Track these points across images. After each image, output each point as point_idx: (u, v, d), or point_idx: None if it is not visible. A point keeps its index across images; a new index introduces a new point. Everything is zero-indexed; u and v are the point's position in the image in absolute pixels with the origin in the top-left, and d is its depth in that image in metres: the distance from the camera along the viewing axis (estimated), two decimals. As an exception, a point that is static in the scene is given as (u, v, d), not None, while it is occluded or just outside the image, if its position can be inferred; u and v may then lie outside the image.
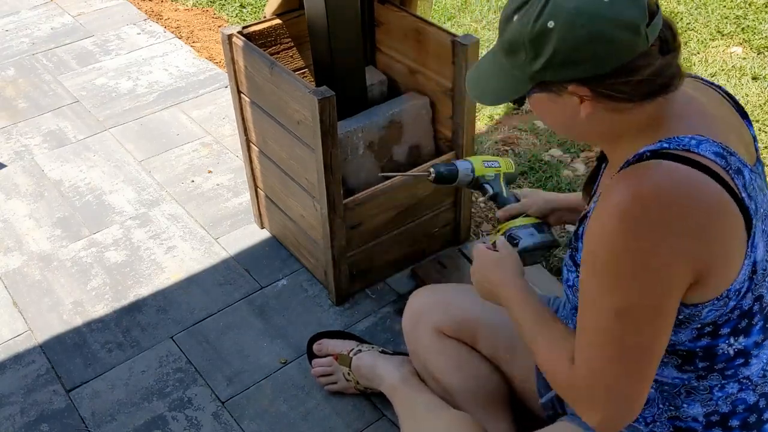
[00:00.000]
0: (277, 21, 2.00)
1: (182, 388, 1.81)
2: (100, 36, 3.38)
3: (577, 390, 1.05)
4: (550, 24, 0.97)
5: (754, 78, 2.95)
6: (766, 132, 2.63)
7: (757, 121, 2.68)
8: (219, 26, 3.46)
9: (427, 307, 1.55)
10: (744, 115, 1.16)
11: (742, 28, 3.31)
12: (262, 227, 2.27)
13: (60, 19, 3.54)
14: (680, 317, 1.03)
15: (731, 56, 3.11)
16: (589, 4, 0.95)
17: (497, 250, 1.30)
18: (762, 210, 1.03)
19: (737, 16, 3.42)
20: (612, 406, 1.03)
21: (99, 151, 2.65)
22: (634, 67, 0.98)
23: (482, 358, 1.52)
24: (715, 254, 0.97)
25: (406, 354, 1.68)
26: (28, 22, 3.53)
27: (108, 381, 1.84)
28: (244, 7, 3.56)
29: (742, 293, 1.02)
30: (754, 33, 3.27)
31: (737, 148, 1.03)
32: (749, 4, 3.51)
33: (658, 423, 1.17)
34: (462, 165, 1.55)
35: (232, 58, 1.91)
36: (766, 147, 2.55)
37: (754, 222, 0.99)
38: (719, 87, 1.17)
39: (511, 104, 2.84)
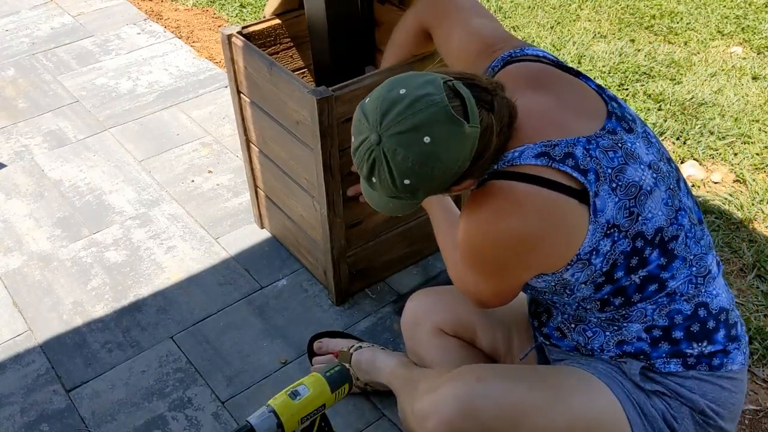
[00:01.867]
0: (277, 21, 2.00)
1: (182, 388, 1.81)
2: (100, 36, 3.38)
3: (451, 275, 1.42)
4: (407, 182, 1.13)
5: (754, 78, 2.95)
6: (766, 132, 2.63)
7: (757, 121, 2.68)
8: (219, 26, 3.46)
9: (427, 307, 1.56)
10: (578, 74, 1.28)
11: (742, 28, 3.31)
12: (262, 227, 2.27)
13: (60, 19, 3.54)
14: (553, 283, 1.23)
15: (731, 56, 3.11)
16: (421, 154, 1.09)
17: None
18: (610, 171, 1.16)
19: (737, 16, 3.42)
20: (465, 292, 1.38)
21: (99, 151, 2.65)
22: (482, 148, 1.13)
23: (481, 355, 1.52)
24: (548, 243, 1.16)
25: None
26: (28, 22, 3.53)
27: (108, 381, 1.84)
28: (244, 7, 3.57)
29: (605, 248, 1.16)
30: (754, 33, 3.27)
31: (574, 127, 1.18)
32: (749, 4, 3.52)
33: (606, 351, 1.27)
34: (262, 426, 1.24)
35: (232, 58, 1.91)
36: (766, 147, 2.55)
37: (592, 190, 1.14)
38: (545, 56, 1.30)
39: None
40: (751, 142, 2.58)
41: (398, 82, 1.12)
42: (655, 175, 1.20)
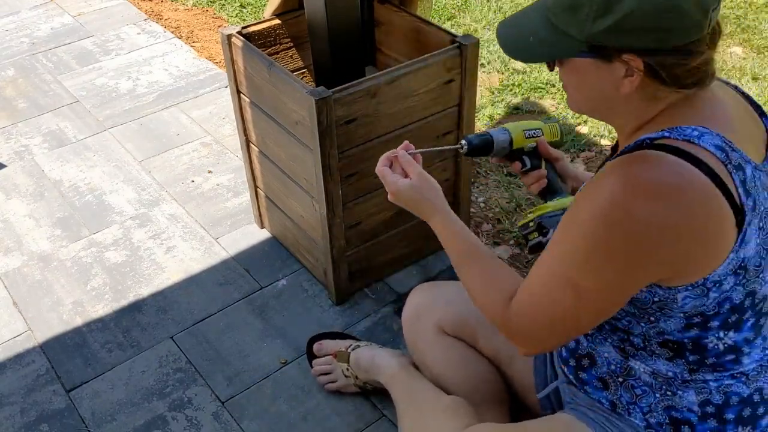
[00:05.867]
0: (277, 21, 2.00)
1: (182, 388, 1.81)
2: (100, 36, 3.38)
3: (510, 329, 1.15)
4: None
5: (754, 78, 2.95)
6: (765, 132, 2.63)
7: (757, 121, 2.68)
8: (219, 26, 3.46)
9: (429, 304, 1.56)
10: (761, 113, 1.15)
11: (742, 28, 3.31)
12: (262, 227, 2.27)
13: (60, 19, 3.54)
14: (656, 299, 1.06)
15: (731, 56, 3.11)
16: None
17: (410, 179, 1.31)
18: (763, 208, 1.03)
19: (737, 16, 3.42)
20: (538, 347, 1.16)
21: (99, 151, 2.65)
22: (691, 50, 0.96)
23: (481, 357, 1.52)
24: (693, 248, 0.99)
25: (405, 354, 1.68)
26: (28, 22, 3.53)
27: (108, 381, 1.84)
28: (244, 7, 3.57)
29: (726, 287, 1.03)
30: (754, 33, 3.27)
31: (745, 146, 1.03)
32: (749, 4, 3.51)
33: (654, 413, 1.18)
34: (498, 135, 1.40)
35: (232, 59, 1.91)
36: (765, 147, 2.55)
37: (748, 218, 0.99)
38: (735, 87, 1.17)
39: (510, 104, 2.83)
40: (751, 142, 2.58)
41: None
42: None
